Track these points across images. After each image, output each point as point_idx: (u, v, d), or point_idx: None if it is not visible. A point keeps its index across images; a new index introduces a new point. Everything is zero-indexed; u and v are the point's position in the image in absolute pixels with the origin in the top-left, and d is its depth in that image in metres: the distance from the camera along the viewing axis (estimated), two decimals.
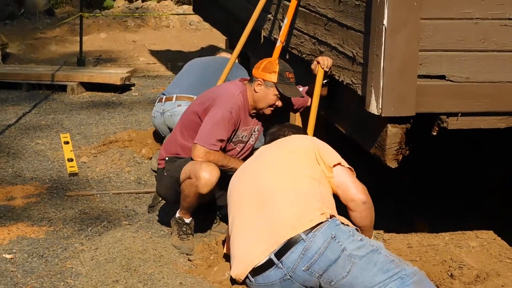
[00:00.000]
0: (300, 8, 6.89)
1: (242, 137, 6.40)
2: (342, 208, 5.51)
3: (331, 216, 5.16)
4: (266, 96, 6.26)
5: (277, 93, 6.23)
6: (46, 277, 5.60)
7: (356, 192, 5.49)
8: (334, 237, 5.05)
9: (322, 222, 5.11)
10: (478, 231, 6.59)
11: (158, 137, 8.73)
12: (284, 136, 5.86)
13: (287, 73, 6.26)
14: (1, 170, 7.97)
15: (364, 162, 5.96)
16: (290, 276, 5.10)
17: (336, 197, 5.54)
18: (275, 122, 6.30)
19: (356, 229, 5.26)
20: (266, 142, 6.01)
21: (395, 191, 6.97)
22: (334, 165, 5.49)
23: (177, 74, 9.09)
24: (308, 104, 6.44)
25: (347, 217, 5.45)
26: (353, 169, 5.60)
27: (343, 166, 5.53)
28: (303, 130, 6.35)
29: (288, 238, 5.09)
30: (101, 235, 6.36)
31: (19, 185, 7.57)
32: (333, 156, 5.58)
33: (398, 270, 5.00)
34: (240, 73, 7.76)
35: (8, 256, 5.93)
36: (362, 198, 5.50)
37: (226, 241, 5.80)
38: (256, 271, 5.21)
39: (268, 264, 5.15)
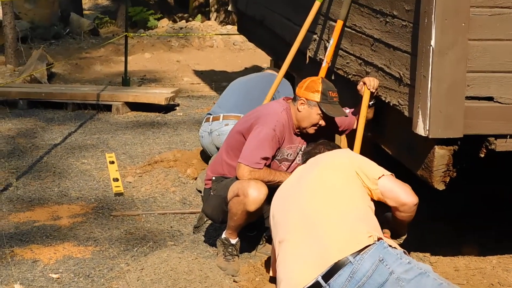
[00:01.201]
0: (346, 28, 6.90)
1: (287, 155, 6.37)
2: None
3: (379, 239, 5.13)
4: (309, 115, 6.23)
5: (320, 112, 6.19)
6: None
7: (407, 196, 5.48)
8: (382, 259, 5.03)
9: (369, 245, 5.08)
10: None
11: (204, 157, 8.77)
12: (320, 153, 5.83)
13: (330, 92, 6.21)
14: (47, 190, 8.02)
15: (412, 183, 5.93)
16: None
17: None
18: (318, 145, 6.30)
19: (404, 251, 5.19)
20: (302, 162, 5.98)
21: (444, 213, 6.91)
22: (379, 177, 5.50)
23: (223, 93, 9.11)
24: (354, 126, 6.40)
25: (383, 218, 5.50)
26: (393, 174, 5.63)
27: (387, 175, 5.55)
28: (338, 146, 6.32)
29: (335, 260, 5.05)
30: (146, 255, 6.37)
31: (65, 205, 7.61)
32: (375, 169, 5.55)
33: None
34: (287, 88, 7.76)
35: (54, 276, 5.96)
36: (414, 200, 5.49)
37: (272, 264, 5.80)
38: None
39: (316, 287, 5.14)
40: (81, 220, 7.22)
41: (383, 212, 5.68)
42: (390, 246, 5.13)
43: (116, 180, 8.23)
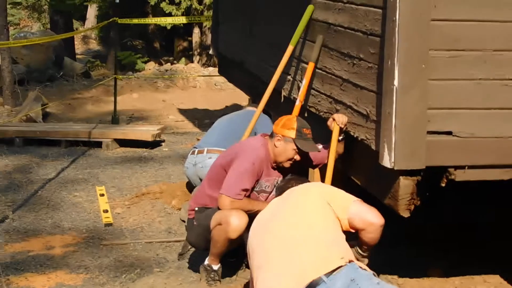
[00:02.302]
0: (317, 70, 6.95)
1: (265, 187, 6.44)
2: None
3: (350, 261, 5.19)
4: (285, 150, 6.31)
5: (295, 148, 6.27)
6: None
7: (374, 218, 5.54)
8: (353, 279, 5.07)
9: (341, 266, 5.14)
10: (486, 276, 6.57)
11: (188, 188, 8.78)
12: (292, 187, 5.87)
13: (304, 129, 6.31)
14: (41, 221, 8.02)
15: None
16: None
17: None
18: (293, 179, 6.36)
19: (374, 273, 5.24)
20: (276, 195, 6.05)
21: (409, 238, 6.94)
22: (349, 205, 5.56)
23: (209, 129, 9.16)
24: (326, 161, 6.46)
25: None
26: (361, 200, 5.68)
27: (355, 200, 5.61)
28: (307, 181, 6.42)
29: (311, 280, 5.08)
30: (134, 281, 6.39)
31: (58, 235, 7.62)
32: (344, 198, 5.64)
33: None
34: (263, 127, 7.82)
35: None
36: (381, 221, 5.55)
37: (250, 287, 5.84)
38: None
39: None
40: (73, 250, 7.22)
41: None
42: (360, 267, 5.19)
43: (106, 211, 8.24)
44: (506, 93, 5.46)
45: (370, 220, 5.57)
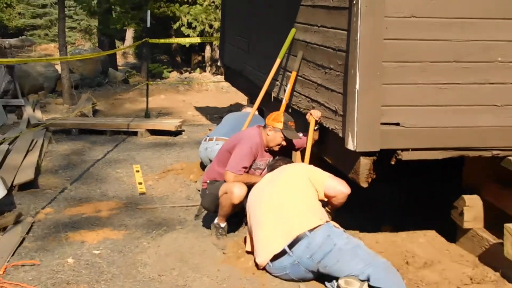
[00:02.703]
0: (298, 77, 6.94)
1: (260, 165, 6.49)
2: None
3: (327, 221, 5.33)
4: (275, 138, 6.38)
5: (282, 136, 6.36)
6: (123, 267, 5.61)
7: (343, 188, 5.74)
8: (329, 235, 5.17)
9: (320, 225, 5.24)
10: (425, 231, 6.61)
11: (201, 166, 8.75)
12: (279, 166, 6.05)
13: (289, 122, 6.40)
14: (92, 191, 8.01)
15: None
16: (298, 262, 5.20)
17: None
18: (278, 157, 6.43)
19: (344, 230, 5.37)
20: (268, 171, 6.21)
21: (369, 201, 6.93)
22: (325, 179, 5.74)
23: (218, 123, 9.19)
24: (305, 145, 6.49)
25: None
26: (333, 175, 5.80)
27: (329, 176, 5.75)
28: (291, 161, 6.51)
29: (297, 234, 5.23)
30: (162, 236, 6.40)
31: (104, 202, 7.61)
32: (321, 174, 5.80)
33: (373, 260, 5.02)
34: (258, 121, 7.82)
35: (96, 252, 5.94)
36: (348, 190, 5.75)
37: (247, 241, 5.90)
38: (274, 258, 5.32)
39: (283, 253, 5.26)
40: (115, 212, 7.21)
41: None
42: (334, 226, 5.39)
43: (140, 184, 8.23)
44: (439, 94, 5.47)
45: (341, 190, 5.73)
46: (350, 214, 6.17)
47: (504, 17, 5.44)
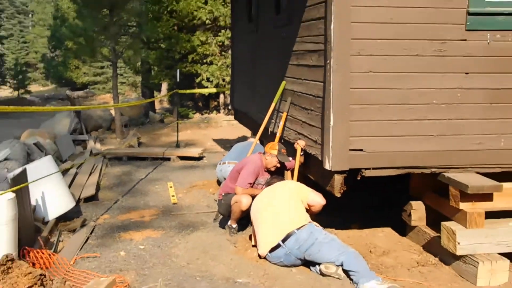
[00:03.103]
0: (288, 116, 6.93)
1: (260, 182, 6.48)
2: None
3: (310, 222, 5.38)
4: (272, 161, 6.42)
5: (277, 160, 6.39)
6: (161, 257, 5.62)
7: (320, 200, 5.72)
8: (312, 232, 5.22)
9: (305, 224, 5.29)
10: (383, 228, 6.61)
11: (218, 183, 8.72)
12: (275, 182, 6.06)
13: (282, 149, 6.44)
14: (137, 202, 8.02)
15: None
16: (289, 252, 5.24)
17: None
18: (274, 176, 6.42)
19: (322, 228, 5.41)
20: (266, 186, 6.17)
21: (342, 204, 6.94)
22: (309, 194, 5.74)
23: (229, 150, 9.16)
24: (294, 167, 6.47)
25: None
26: (313, 190, 5.81)
27: (311, 191, 5.75)
28: (283, 178, 6.53)
29: (288, 232, 5.27)
30: (189, 234, 6.39)
31: (146, 210, 7.60)
32: (306, 190, 5.79)
33: (345, 250, 5.06)
34: (259, 149, 7.85)
35: (141, 247, 5.94)
36: (324, 202, 5.74)
37: (252, 237, 5.88)
38: (271, 250, 5.34)
39: (278, 246, 5.29)
40: (155, 217, 7.21)
41: None
42: (316, 225, 5.41)
43: (173, 196, 8.21)
44: (391, 128, 5.46)
45: (319, 201, 5.74)
46: (328, 217, 6.15)
47: (434, 71, 5.50)
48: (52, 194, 6.83)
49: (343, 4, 5.25)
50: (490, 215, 5.40)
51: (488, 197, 5.26)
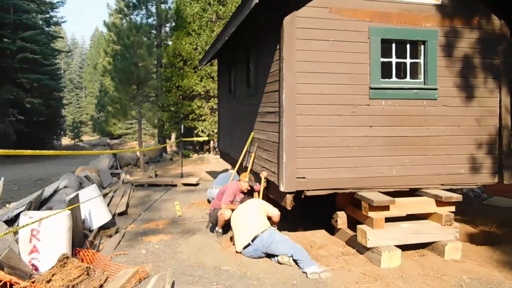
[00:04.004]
0: (256, 156, 6.90)
1: (237, 200, 6.36)
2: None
3: (270, 227, 5.30)
4: (244, 186, 6.36)
5: (248, 185, 6.33)
6: (170, 253, 5.48)
7: (276, 212, 5.66)
8: (271, 234, 5.12)
9: (266, 229, 5.19)
10: (320, 230, 6.54)
11: (209, 202, 8.58)
12: (246, 200, 5.98)
13: (251, 178, 6.38)
14: (154, 216, 7.82)
15: (278, 208, 5.92)
16: (256, 248, 5.14)
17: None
18: (246, 195, 6.33)
19: (279, 231, 5.35)
20: (241, 202, 6.09)
21: (292, 214, 6.88)
22: (271, 209, 5.65)
23: (216, 178, 9.04)
24: (260, 189, 6.40)
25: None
26: (272, 206, 5.72)
27: (272, 207, 5.67)
28: (252, 197, 6.40)
29: (255, 235, 5.17)
30: (189, 237, 6.23)
31: (160, 221, 7.41)
32: (267, 205, 5.73)
33: (294, 245, 5.01)
34: (236, 177, 7.77)
35: (157, 246, 5.78)
36: (279, 213, 5.68)
37: (233, 239, 5.76)
38: (244, 247, 5.24)
39: (248, 245, 5.18)
40: (166, 226, 7.03)
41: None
42: (274, 229, 5.34)
43: (178, 211, 8.03)
44: (324, 162, 5.47)
45: (275, 213, 5.65)
46: (282, 223, 6.10)
47: (351, 125, 5.57)
48: (95, 211, 6.67)
49: (290, 82, 5.33)
50: (388, 220, 5.44)
51: (386, 208, 5.31)
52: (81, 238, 5.81)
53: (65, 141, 39.27)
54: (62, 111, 35.23)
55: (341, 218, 5.98)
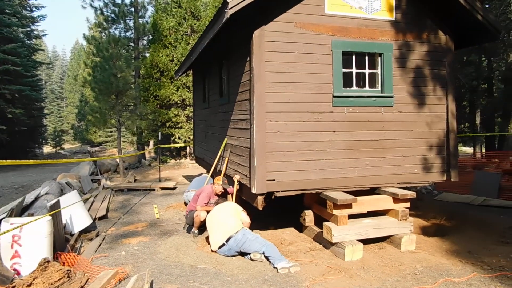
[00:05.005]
0: (229, 160, 6.85)
1: (212, 202, 6.29)
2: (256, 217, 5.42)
3: (242, 227, 5.22)
4: (218, 188, 6.27)
5: (222, 188, 6.25)
6: (149, 254, 5.37)
7: (247, 219, 5.53)
8: (244, 234, 5.08)
9: (240, 230, 5.15)
10: (289, 228, 6.55)
11: (185, 204, 8.45)
12: (220, 202, 5.94)
13: (225, 180, 6.35)
14: (133, 219, 7.65)
15: (250, 208, 5.91)
16: (231, 248, 5.08)
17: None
18: (220, 198, 6.28)
19: (251, 230, 5.29)
20: (215, 205, 6.03)
21: (263, 214, 6.87)
22: (241, 213, 5.55)
23: (191, 182, 8.93)
24: (233, 192, 6.36)
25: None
26: (244, 210, 5.64)
27: (243, 211, 5.57)
28: (226, 200, 6.37)
29: (229, 235, 5.11)
30: (167, 238, 6.12)
31: (140, 223, 7.25)
32: (240, 210, 5.64)
33: (265, 243, 4.99)
34: (210, 181, 7.72)
35: (136, 248, 5.64)
36: (249, 221, 5.56)
37: (208, 239, 5.69)
38: (219, 247, 5.18)
39: (223, 244, 5.12)
40: (145, 228, 6.88)
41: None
42: (246, 229, 5.24)
43: (157, 213, 7.89)
44: (292, 165, 5.48)
45: (246, 221, 5.57)
46: (254, 222, 6.08)
47: (316, 130, 5.63)
48: (76, 215, 6.47)
49: (260, 91, 5.35)
50: (351, 216, 5.51)
51: (349, 206, 5.38)
52: (63, 242, 5.62)
53: (47, 149, 38.05)
54: (44, 121, 34.19)
55: (309, 216, 6.02)
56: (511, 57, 16.14)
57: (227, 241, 5.12)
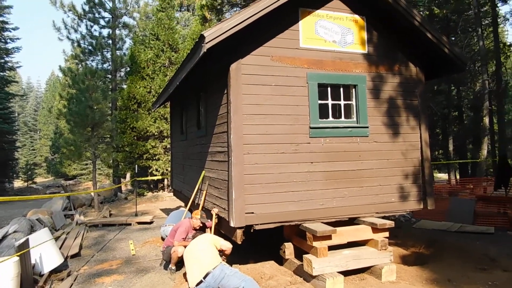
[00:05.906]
0: (207, 193, 6.78)
1: (190, 236, 6.14)
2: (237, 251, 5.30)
3: (221, 262, 5.08)
4: (197, 223, 6.16)
5: (200, 222, 6.14)
6: None
7: (228, 244, 5.46)
8: (222, 269, 4.95)
9: (217, 265, 5.01)
10: (269, 261, 6.43)
11: (162, 239, 8.22)
12: (198, 236, 5.74)
13: (203, 214, 6.23)
14: (108, 256, 7.38)
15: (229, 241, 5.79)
16: (209, 284, 4.91)
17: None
18: (198, 232, 6.15)
19: (229, 266, 5.15)
20: (193, 239, 5.85)
21: (242, 247, 6.75)
22: (221, 243, 5.42)
23: (169, 216, 8.74)
24: (211, 226, 6.26)
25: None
26: (223, 239, 5.55)
27: (223, 240, 5.48)
28: (204, 232, 6.23)
29: (207, 272, 4.95)
30: (143, 276, 5.94)
31: (114, 260, 7.01)
32: (218, 239, 5.53)
33: (245, 278, 4.88)
34: (188, 215, 7.58)
35: (109, 287, 5.45)
36: (231, 247, 5.49)
37: (185, 275, 5.53)
38: (197, 284, 4.99)
39: (200, 281, 4.95)
40: (120, 266, 6.65)
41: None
42: (225, 264, 5.12)
43: (132, 249, 7.64)
44: (270, 197, 5.48)
45: (227, 246, 5.48)
46: (233, 256, 5.96)
47: (293, 162, 5.67)
48: (47, 254, 6.20)
49: (238, 124, 5.38)
50: (331, 248, 5.48)
51: (329, 237, 5.36)
52: (31, 283, 5.35)
53: (18, 183, 36.70)
54: (15, 154, 33.22)
55: (288, 249, 5.95)
56: (477, 86, 16.88)
57: (204, 277, 4.98)
